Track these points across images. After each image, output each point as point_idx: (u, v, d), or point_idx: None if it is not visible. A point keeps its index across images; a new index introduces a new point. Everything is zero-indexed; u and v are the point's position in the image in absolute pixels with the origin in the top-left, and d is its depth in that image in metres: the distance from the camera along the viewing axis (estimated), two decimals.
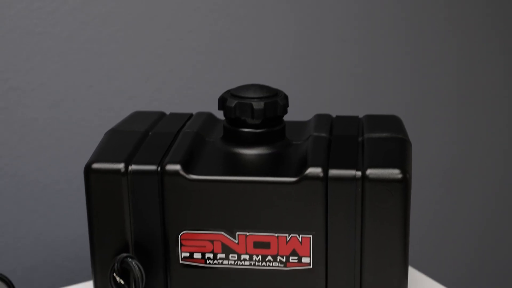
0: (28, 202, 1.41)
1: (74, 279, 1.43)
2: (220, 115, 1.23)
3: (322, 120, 1.17)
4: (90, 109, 1.42)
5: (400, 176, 0.99)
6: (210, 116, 1.21)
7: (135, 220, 1.04)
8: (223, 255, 1.04)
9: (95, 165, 1.03)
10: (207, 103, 1.47)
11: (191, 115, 1.21)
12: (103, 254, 1.05)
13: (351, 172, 1.00)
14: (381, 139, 1.08)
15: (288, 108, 1.10)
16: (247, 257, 1.03)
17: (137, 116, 1.20)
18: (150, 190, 1.02)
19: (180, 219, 1.03)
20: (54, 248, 1.44)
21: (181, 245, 1.04)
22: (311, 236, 1.02)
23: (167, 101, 1.49)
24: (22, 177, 1.39)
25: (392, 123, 1.16)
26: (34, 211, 1.41)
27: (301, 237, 1.02)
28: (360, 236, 1.01)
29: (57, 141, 1.40)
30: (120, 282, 1.03)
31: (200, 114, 1.21)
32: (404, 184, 0.99)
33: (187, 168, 1.02)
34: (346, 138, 1.09)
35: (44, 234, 1.43)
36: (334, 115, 1.21)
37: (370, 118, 1.18)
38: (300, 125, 1.18)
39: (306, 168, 1.00)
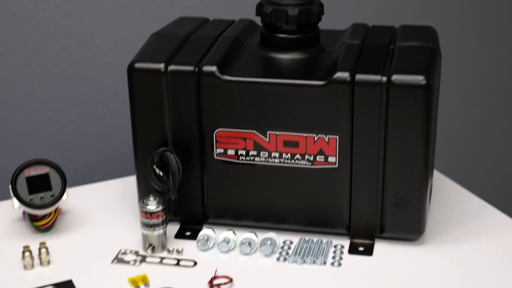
0: (87, 105, 1.49)
1: (125, 174, 1.52)
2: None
3: (358, 29, 1.21)
4: (144, 17, 1.48)
5: (423, 82, 1.03)
6: (251, 23, 1.26)
7: (173, 117, 1.11)
8: (254, 152, 1.11)
9: (137, 65, 1.10)
10: (251, 11, 1.51)
11: (232, 22, 1.26)
12: (145, 149, 1.13)
13: (377, 77, 1.04)
14: (411, 48, 1.12)
15: (328, 18, 1.14)
16: (277, 155, 1.10)
17: (181, 21, 1.27)
18: (187, 90, 1.09)
19: (215, 117, 1.10)
20: (110, 149, 1.53)
21: (216, 141, 1.11)
22: (338, 137, 1.08)
23: (211, 8, 1.53)
24: (82, 81, 1.47)
25: (426, 33, 1.19)
26: (92, 114, 1.50)
27: (328, 137, 1.08)
28: (383, 138, 1.06)
29: (116, 44, 1.47)
30: (159, 173, 1.11)
31: (241, 21, 1.26)
32: (428, 90, 1.03)
33: (222, 69, 1.09)
34: (377, 46, 1.13)
35: (100, 136, 1.52)
36: (371, 25, 1.24)
37: (405, 28, 1.22)
38: (336, 34, 1.22)
39: (334, 73, 1.05)
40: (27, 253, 1.07)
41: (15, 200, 1.13)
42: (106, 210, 1.22)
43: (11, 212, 1.20)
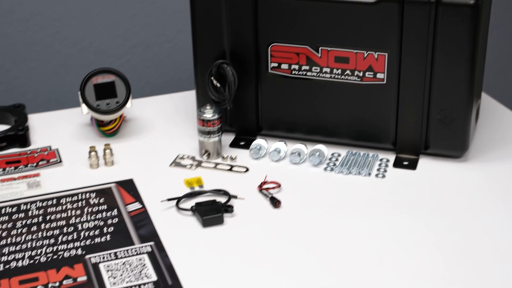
0: (156, 27, 1.56)
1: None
2: None
3: None
4: None
5: (472, 2, 1.06)
6: None
7: (231, 32, 1.17)
8: (307, 67, 1.16)
9: None
10: None
11: None
12: (204, 61, 1.20)
13: None
14: None
15: None
16: (328, 70, 1.16)
17: None
18: (245, 5, 1.15)
19: (270, 32, 1.16)
20: (177, 70, 1.61)
21: (271, 56, 1.17)
22: (387, 54, 1.12)
23: None
24: (153, 3, 1.54)
25: None
26: (161, 35, 1.57)
27: (377, 54, 1.12)
28: (431, 57, 1.10)
29: None
30: (216, 85, 1.18)
31: None
32: (475, 10, 1.06)
33: None
34: None
35: (169, 57, 1.59)
36: None
37: None
38: None
39: None
40: (93, 153, 1.17)
41: (83, 106, 1.22)
42: (167, 120, 1.31)
43: (80, 117, 1.29)
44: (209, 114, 1.17)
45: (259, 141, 1.20)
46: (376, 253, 0.98)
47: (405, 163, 1.17)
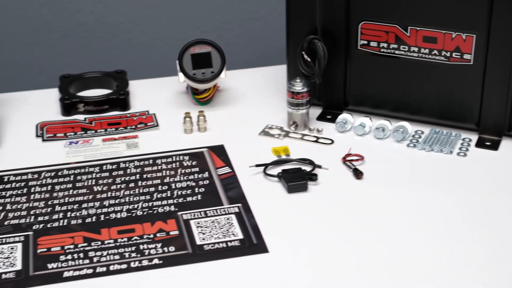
0: (250, 4, 1.63)
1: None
2: None
3: None
4: None
5: None
6: None
7: (324, 8, 1.22)
8: (395, 46, 1.20)
9: None
10: None
11: None
12: (296, 36, 1.25)
13: None
14: None
15: None
16: (416, 49, 1.19)
17: None
18: None
19: (361, 10, 1.20)
20: (268, 47, 1.67)
21: (361, 33, 1.21)
22: (475, 35, 1.15)
23: None
24: None
25: None
26: (254, 12, 1.63)
27: (465, 35, 1.15)
28: None
29: None
30: (307, 59, 1.23)
31: None
32: None
33: None
34: None
35: (260, 33, 1.66)
36: None
37: None
38: None
39: None
40: (187, 119, 1.24)
41: (180, 74, 1.29)
42: (257, 92, 1.37)
43: (176, 85, 1.37)
44: (298, 87, 1.22)
45: (345, 115, 1.25)
46: (453, 229, 1.02)
47: (488, 143, 1.19)
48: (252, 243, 1.00)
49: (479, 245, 0.99)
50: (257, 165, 1.14)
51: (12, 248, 0.99)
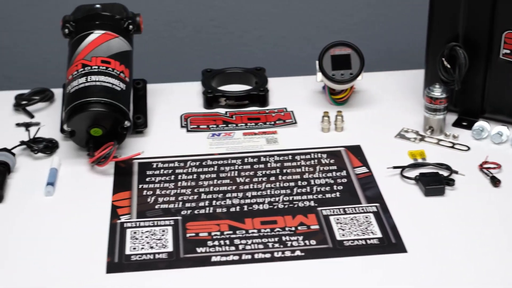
0: (381, 4, 1.65)
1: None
2: None
3: None
4: None
5: None
6: None
7: (468, 16, 1.23)
8: None
9: None
10: None
11: None
12: (436, 42, 1.27)
13: None
14: None
15: None
16: None
17: None
18: None
19: (507, 19, 1.21)
20: (401, 43, 1.69)
21: (504, 42, 1.22)
22: None
23: None
24: None
25: None
26: (383, 15, 1.65)
27: None
28: None
29: None
30: (446, 65, 1.25)
31: None
32: None
33: None
34: None
35: (392, 32, 1.68)
36: None
37: None
38: None
39: None
40: (326, 118, 1.28)
41: (319, 74, 1.33)
42: (393, 94, 1.39)
43: (313, 84, 1.40)
44: (437, 92, 1.24)
45: (482, 123, 1.26)
46: None
47: None
48: (390, 242, 1.03)
49: None
50: (395, 167, 1.17)
51: (163, 231, 1.05)
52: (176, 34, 1.74)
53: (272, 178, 1.17)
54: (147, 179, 1.16)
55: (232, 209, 1.10)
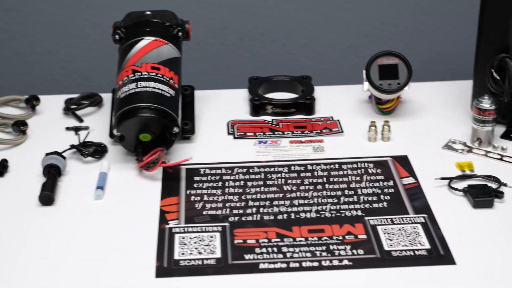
0: (422, 15, 1.65)
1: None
2: None
3: None
4: None
5: None
6: None
7: None
8: None
9: None
10: None
11: None
12: (486, 53, 1.26)
13: None
14: None
15: None
16: None
17: None
18: None
19: None
20: (447, 53, 1.69)
21: None
22: None
23: None
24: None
25: None
26: (426, 24, 1.65)
27: None
28: None
29: None
30: (496, 77, 1.24)
31: None
32: None
33: None
34: None
35: (435, 43, 1.68)
36: None
37: None
38: None
39: None
40: (373, 127, 1.28)
41: (366, 83, 1.32)
42: (439, 105, 1.38)
43: (359, 94, 1.40)
44: (486, 104, 1.23)
45: None
46: None
47: None
48: (439, 253, 1.02)
49: None
50: (442, 178, 1.16)
51: (211, 237, 1.06)
52: (220, 41, 1.75)
53: (319, 187, 1.17)
54: (195, 185, 1.17)
55: (280, 217, 1.10)
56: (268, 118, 1.35)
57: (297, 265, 1.01)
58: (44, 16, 1.73)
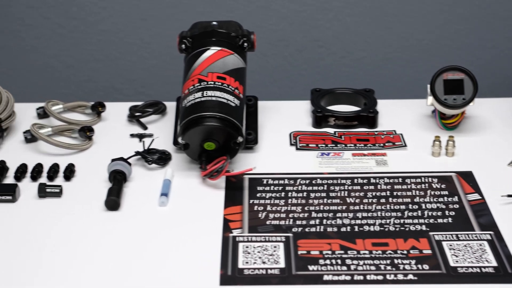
0: (477, 33, 1.64)
1: None
2: None
3: None
4: None
5: None
6: None
7: None
8: None
9: None
10: None
11: None
12: None
13: None
14: None
15: None
16: None
17: None
18: None
19: None
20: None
21: None
22: None
23: None
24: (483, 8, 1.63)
25: None
26: (486, 40, 1.64)
27: None
28: None
29: None
30: None
31: None
32: None
33: None
34: None
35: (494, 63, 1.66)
36: None
37: None
38: None
39: None
40: (437, 142, 1.26)
41: (430, 97, 1.31)
42: (505, 121, 1.36)
43: (422, 108, 1.39)
44: None
45: None
46: None
47: None
48: (506, 271, 1.01)
49: None
50: (509, 195, 1.15)
51: (275, 247, 1.06)
52: (279, 52, 1.76)
53: (383, 200, 1.16)
54: (258, 195, 1.18)
55: (343, 229, 1.10)
56: (330, 130, 1.35)
57: (361, 278, 1.01)
58: (106, 25, 1.76)
